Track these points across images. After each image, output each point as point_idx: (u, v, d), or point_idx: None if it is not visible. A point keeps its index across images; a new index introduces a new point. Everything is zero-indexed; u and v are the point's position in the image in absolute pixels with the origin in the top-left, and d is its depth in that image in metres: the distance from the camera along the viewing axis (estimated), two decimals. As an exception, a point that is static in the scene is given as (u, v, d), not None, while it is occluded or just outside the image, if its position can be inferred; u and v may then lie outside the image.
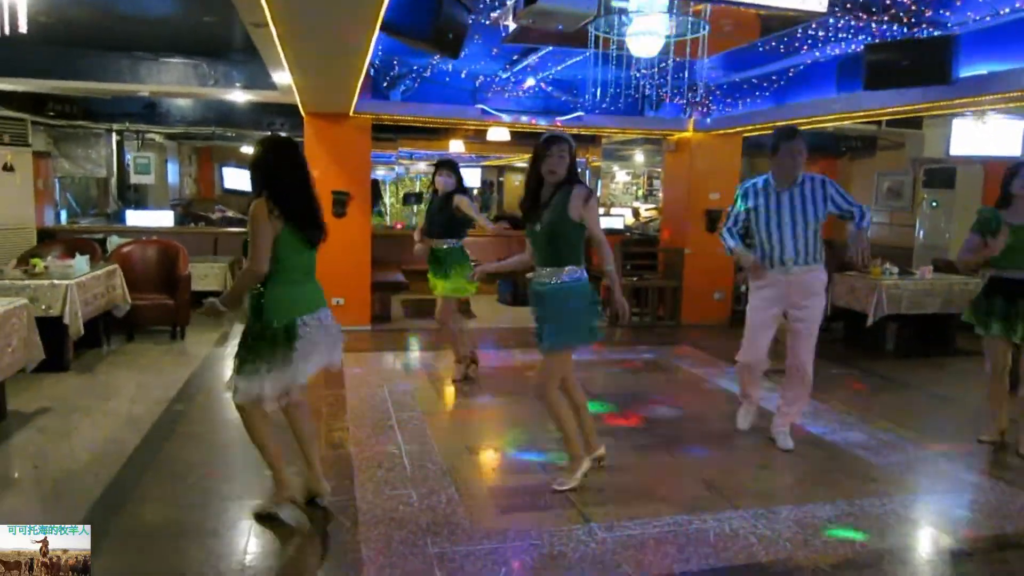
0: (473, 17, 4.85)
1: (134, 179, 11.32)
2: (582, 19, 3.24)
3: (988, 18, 4.92)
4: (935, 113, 7.02)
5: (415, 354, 7.29)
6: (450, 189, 5.60)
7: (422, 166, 20.19)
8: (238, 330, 7.51)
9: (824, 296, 4.50)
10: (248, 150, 14.51)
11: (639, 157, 15.00)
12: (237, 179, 15.76)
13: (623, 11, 4.43)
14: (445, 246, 5.69)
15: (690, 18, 4.69)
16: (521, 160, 17.01)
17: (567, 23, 3.19)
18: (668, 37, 4.93)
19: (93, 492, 3.70)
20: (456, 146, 12.48)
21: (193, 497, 3.76)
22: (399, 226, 13.02)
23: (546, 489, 3.88)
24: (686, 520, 3.58)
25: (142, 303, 7.07)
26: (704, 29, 4.75)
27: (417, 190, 18.71)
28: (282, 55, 4.42)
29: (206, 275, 8.61)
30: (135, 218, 10.65)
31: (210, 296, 3.53)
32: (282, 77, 6.25)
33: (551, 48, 6.71)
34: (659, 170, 15.27)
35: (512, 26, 5.26)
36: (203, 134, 10.90)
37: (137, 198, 12.47)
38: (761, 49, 6.12)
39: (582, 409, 4.03)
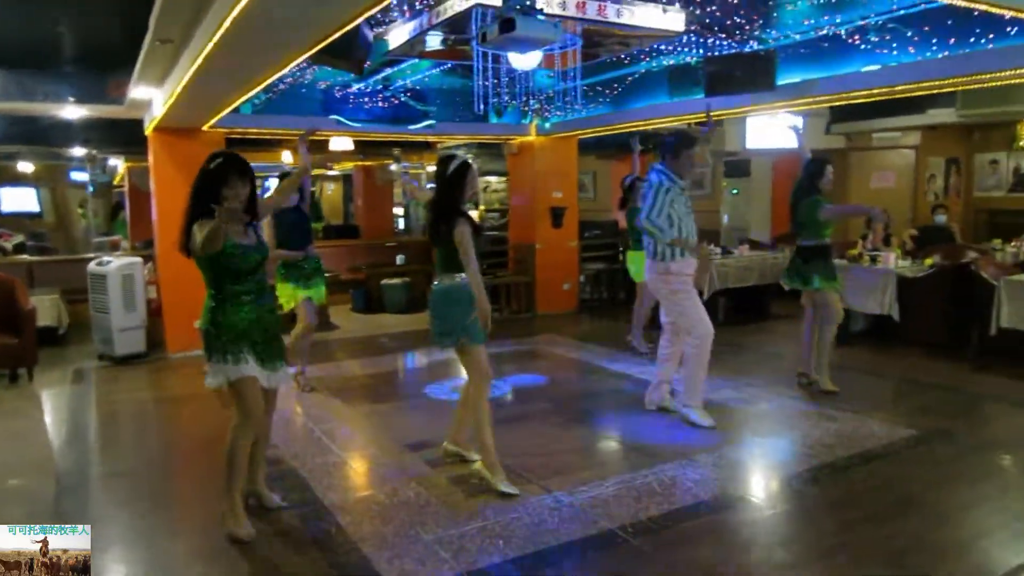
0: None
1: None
2: (544, 44, 3.61)
3: (798, 36, 5.92)
4: (752, 113, 8.14)
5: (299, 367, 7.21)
6: (297, 202, 5.71)
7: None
8: (91, 366, 7.06)
9: None
10: (28, 167, 13.16)
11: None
12: (18, 200, 14.19)
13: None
14: (309, 255, 5.79)
15: (567, 34, 5.19)
16: (343, 169, 16.88)
17: (530, 47, 3.55)
18: (544, 50, 5.42)
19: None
20: (287, 156, 12.24)
21: (159, 527, 3.68)
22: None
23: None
24: (629, 477, 4.09)
25: (-23, 345, 6.39)
26: (577, 43, 5.30)
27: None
28: (187, 72, 4.32)
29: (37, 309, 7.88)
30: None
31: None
32: (146, 93, 5.99)
33: (415, 60, 6.97)
34: (491, 174, 15.98)
35: (397, 41, 5.50)
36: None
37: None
38: (610, 61, 6.81)
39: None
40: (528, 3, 3.43)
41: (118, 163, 13.12)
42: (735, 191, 11.70)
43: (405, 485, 4.08)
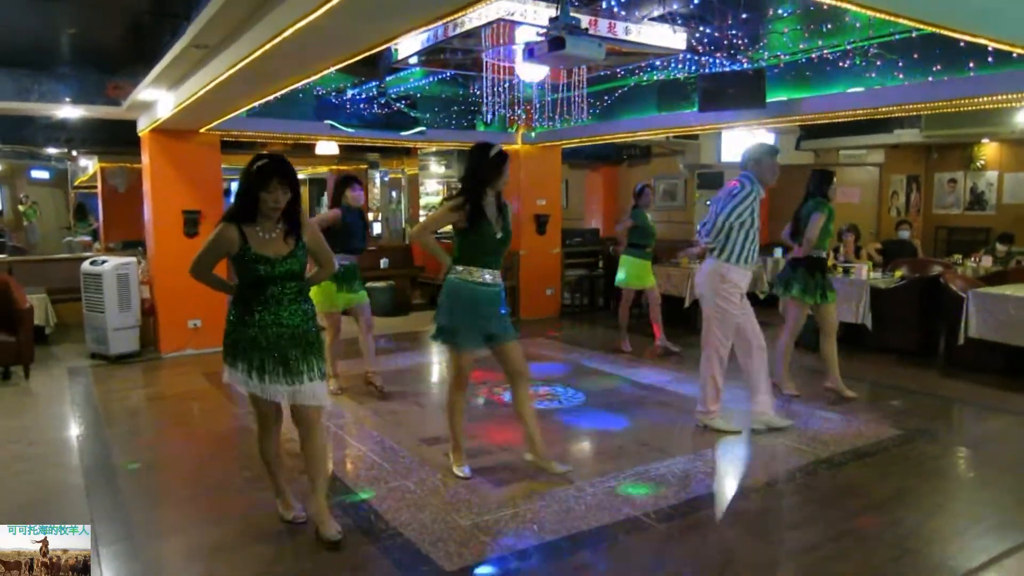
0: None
1: None
2: (590, 62, 3.84)
3: (785, 55, 6.28)
4: (740, 127, 8.50)
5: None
6: (362, 203, 5.75)
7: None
8: (85, 364, 7.01)
9: None
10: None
11: (435, 167, 15.61)
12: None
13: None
14: (355, 260, 5.75)
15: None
16: (314, 172, 16.88)
17: (575, 63, 3.78)
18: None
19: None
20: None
21: (204, 513, 3.80)
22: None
23: (517, 464, 4.43)
24: (643, 470, 4.33)
25: (-27, 342, 6.36)
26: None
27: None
28: (217, 77, 4.43)
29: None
30: None
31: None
32: (153, 94, 6.05)
33: (413, 68, 7.16)
34: (455, 180, 16.17)
35: (408, 51, 5.68)
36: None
37: None
38: (603, 74, 7.08)
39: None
40: (574, 22, 3.67)
41: (89, 163, 12.97)
42: (708, 202, 12.10)
43: (430, 476, 4.26)
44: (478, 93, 8.19)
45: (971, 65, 5.05)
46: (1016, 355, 6.48)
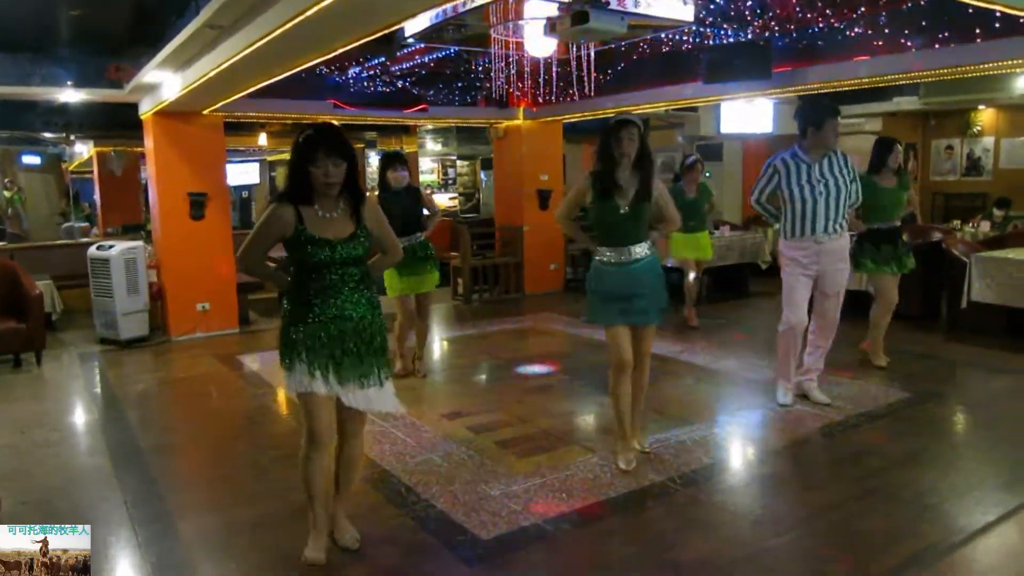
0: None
1: None
2: (613, 35, 3.85)
3: (793, 26, 6.29)
4: (744, 98, 8.52)
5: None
6: (406, 183, 5.63)
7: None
8: (95, 350, 7.04)
9: (848, 262, 4.90)
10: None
11: (432, 145, 15.48)
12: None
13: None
14: (421, 240, 5.63)
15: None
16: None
17: (599, 37, 3.78)
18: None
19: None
20: (262, 139, 12.23)
21: (244, 492, 3.86)
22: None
23: (538, 434, 4.51)
24: (663, 438, 4.41)
25: (-17, 329, 6.37)
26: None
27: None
28: (230, 58, 4.42)
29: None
30: None
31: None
32: (158, 77, 6.03)
33: (415, 43, 7.12)
34: (452, 157, 16.13)
35: (416, 28, 5.66)
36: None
37: None
38: (610, 47, 7.07)
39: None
40: (595, -4, 3.68)
41: (84, 148, 12.88)
42: (708, 174, 12.12)
43: (455, 449, 4.33)
44: (481, 70, 8.19)
45: (977, 31, 5.10)
46: (1018, 317, 6.59)
